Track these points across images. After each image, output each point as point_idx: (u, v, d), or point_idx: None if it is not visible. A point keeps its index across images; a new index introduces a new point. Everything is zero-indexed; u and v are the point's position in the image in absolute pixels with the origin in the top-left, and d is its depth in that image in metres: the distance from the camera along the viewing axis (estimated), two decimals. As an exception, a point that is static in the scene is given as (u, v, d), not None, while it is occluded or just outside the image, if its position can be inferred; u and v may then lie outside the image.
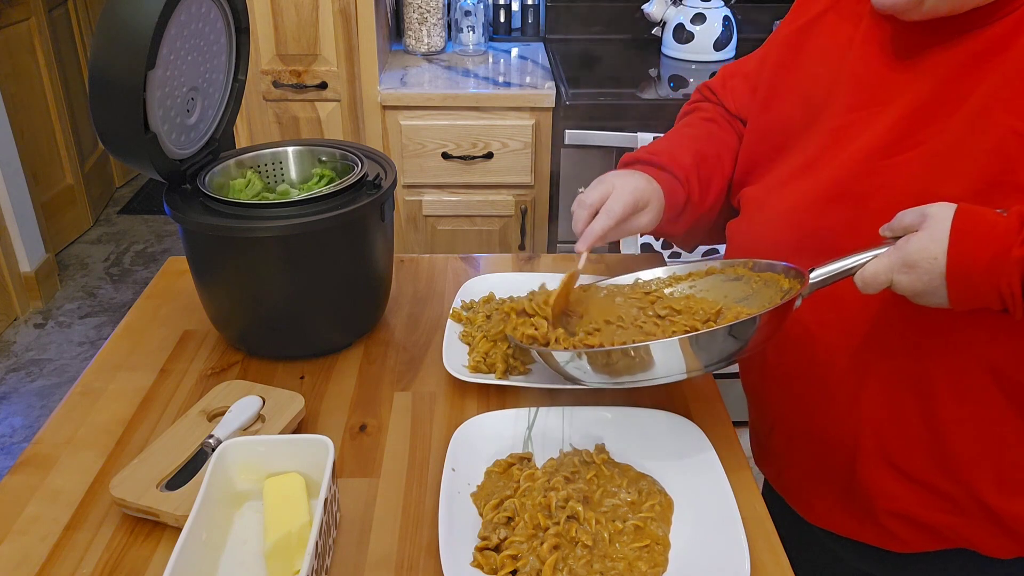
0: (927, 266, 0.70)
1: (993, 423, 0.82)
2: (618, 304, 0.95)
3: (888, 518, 0.91)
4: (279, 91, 2.09)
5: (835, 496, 0.95)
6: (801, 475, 1.00)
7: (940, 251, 0.69)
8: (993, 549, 0.88)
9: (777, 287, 0.87)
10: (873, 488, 0.90)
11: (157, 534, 0.82)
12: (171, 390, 1.03)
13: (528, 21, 2.53)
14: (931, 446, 0.85)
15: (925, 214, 0.72)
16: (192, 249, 1.04)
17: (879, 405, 0.86)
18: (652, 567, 0.76)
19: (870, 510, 0.92)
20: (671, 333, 0.86)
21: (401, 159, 2.14)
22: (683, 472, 0.87)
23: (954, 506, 0.87)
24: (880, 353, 0.84)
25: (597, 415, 0.94)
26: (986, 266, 0.68)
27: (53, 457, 0.92)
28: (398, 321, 1.17)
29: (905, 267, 0.71)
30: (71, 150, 3.42)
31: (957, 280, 0.69)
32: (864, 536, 0.95)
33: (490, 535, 0.78)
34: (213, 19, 1.04)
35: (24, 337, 2.90)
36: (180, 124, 1.03)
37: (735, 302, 0.91)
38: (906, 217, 0.73)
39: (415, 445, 0.94)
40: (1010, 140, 0.75)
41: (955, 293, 0.70)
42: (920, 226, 0.71)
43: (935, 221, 0.70)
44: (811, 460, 0.97)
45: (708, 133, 1.08)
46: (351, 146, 1.14)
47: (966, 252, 0.68)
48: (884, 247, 0.75)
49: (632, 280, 1.00)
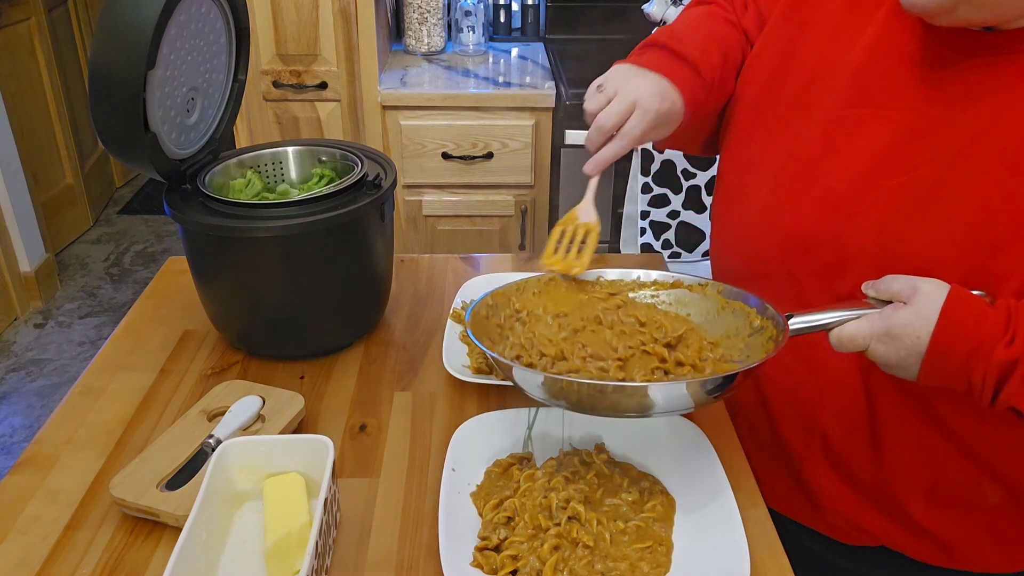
0: (908, 342, 0.70)
1: (927, 448, 0.84)
2: (582, 300, 0.89)
3: (831, 515, 0.94)
4: (279, 91, 2.09)
5: (789, 485, 0.98)
6: (761, 462, 1.02)
7: (925, 332, 0.69)
8: (925, 557, 0.91)
9: (747, 320, 0.84)
10: (817, 486, 0.93)
11: (157, 534, 0.82)
12: (171, 390, 1.03)
13: (528, 21, 2.53)
14: (871, 457, 0.87)
15: (916, 288, 0.71)
16: (192, 249, 1.04)
17: (830, 413, 0.89)
18: (655, 568, 0.76)
19: (817, 505, 0.96)
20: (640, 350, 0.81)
21: (401, 159, 2.14)
22: (683, 472, 0.87)
23: (888, 515, 0.90)
24: (834, 367, 0.86)
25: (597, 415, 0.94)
26: (965, 357, 0.68)
27: (53, 457, 0.92)
28: (398, 321, 1.17)
29: (886, 337, 0.71)
30: (71, 150, 3.42)
31: (934, 363, 0.70)
32: (815, 525, 0.98)
33: (490, 535, 0.78)
34: (213, 19, 1.04)
35: (24, 337, 2.90)
36: (180, 124, 1.03)
37: (698, 321, 0.87)
38: (895, 284, 0.73)
39: (415, 445, 0.94)
40: (993, 190, 0.74)
41: (927, 372, 0.71)
42: (909, 300, 0.71)
43: (925, 299, 0.70)
44: (768, 451, 0.99)
45: (728, 35, 0.98)
46: (351, 146, 1.14)
47: (950, 340, 0.69)
48: (863, 308, 0.74)
49: (595, 277, 0.93)
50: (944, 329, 0.69)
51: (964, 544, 0.89)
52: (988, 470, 0.83)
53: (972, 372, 0.69)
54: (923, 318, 0.69)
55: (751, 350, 0.82)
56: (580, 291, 0.91)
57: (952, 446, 0.83)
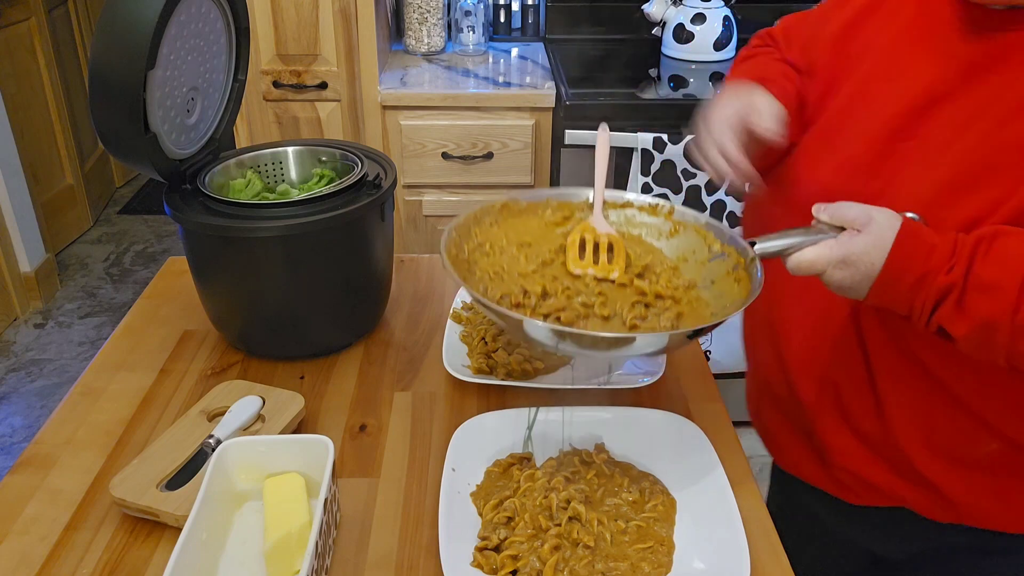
0: (863, 268, 0.74)
1: (924, 402, 0.86)
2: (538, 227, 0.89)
3: (840, 472, 0.95)
4: (279, 91, 2.09)
5: (801, 442, 0.99)
6: (776, 421, 1.03)
7: (879, 258, 0.73)
8: (931, 512, 0.92)
9: (703, 244, 0.86)
10: (828, 442, 0.95)
11: (157, 534, 0.82)
12: (171, 390, 1.03)
13: (528, 21, 2.52)
14: (875, 411, 0.89)
15: (871, 217, 0.74)
16: (192, 249, 1.04)
17: (837, 367, 0.91)
18: (656, 568, 0.76)
19: (827, 462, 0.96)
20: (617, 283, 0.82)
21: (401, 159, 2.14)
22: (683, 472, 0.87)
23: (894, 468, 0.91)
24: (837, 323, 0.89)
25: (597, 415, 0.94)
26: (912, 284, 0.73)
27: (53, 457, 0.92)
28: (398, 321, 1.17)
29: (843, 264, 0.75)
30: (71, 150, 3.42)
31: (884, 287, 0.74)
32: (823, 484, 0.99)
33: (490, 535, 0.78)
34: (213, 19, 1.04)
35: (24, 337, 2.90)
36: (180, 124, 1.03)
37: (650, 243, 0.88)
38: (850, 212, 0.75)
39: (415, 445, 0.94)
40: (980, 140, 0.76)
41: (875, 295, 0.75)
42: (863, 228, 0.74)
43: (879, 229, 0.74)
44: (782, 407, 1.00)
45: (784, 72, 0.99)
46: (351, 146, 1.14)
47: (902, 268, 0.73)
48: (817, 234, 0.76)
49: (544, 199, 0.92)
50: (896, 258, 0.73)
51: (970, 499, 0.89)
52: (981, 421, 0.85)
53: (915, 297, 0.74)
54: (878, 247, 0.73)
55: (714, 276, 0.83)
56: (533, 215, 0.92)
57: (944, 396, 0.85)
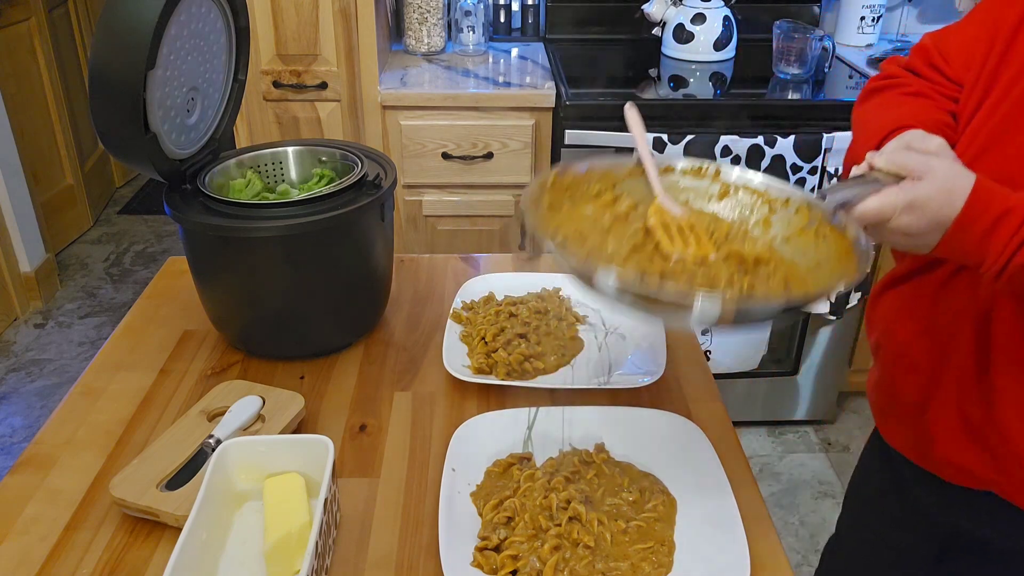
0: (929, 213, 0.72)
1: None
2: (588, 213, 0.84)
3: (942, 463, 0.94)
4: (279, 91, 2.09)
5: (907, 425, 0.98)
6: (889, 398, 1.02)
7: (948, 204, 0.72)
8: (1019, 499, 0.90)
9: (760, 200, 0.85)
10: (935, 419, 0.93)
11: (157, 534, 0.82)
12: (171, 390, 1.03)
13: (528, 21, 2.52)
14: (985, 404, 0.87)
15: (930, 165, 0.73)
16: (192, 249, 1.04)
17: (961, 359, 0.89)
18: (656, 568, 0.76)
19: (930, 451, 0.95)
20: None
21: (401, 159, 2.14)
22: (683, 472, 0.87)
23: (999, 464, 0.89)
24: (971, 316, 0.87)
25: (597, 415, 0.94)
26: (992, 222, 0.71)
27: (53, 457, 0.92)
28: (398, 321, 1.17)
29: (909, 208, 0.73)
30: (71, 150, 3.42)
31: (958, 232, 0.72)
32: (924, 462, 0.97)
33: (490, 535, 0.78)
34: (213, 19, 1.04)
35: (24, 337, 2.90)
36: (180, 124, 1.03)
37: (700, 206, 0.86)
38: (910, 160, 0.74)
39: (415, 445, 0.94)
40: None
41: (946, 243, 0.74)
42: (924, 175, 0.73)
43: (944, 174, 0.72)
44: (899, 386, 0.98)
45: (924, 107, 0.95)
46: (351, 146, 1.14)
47: (982, 207, 0.71)
48: (875, 184, 0.74)
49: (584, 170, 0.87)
50: (978, 196, 0.71)
51: None
52: None
53: (995, 236, 0.71)
54: (945, 191, 0.72)
55: (786, 233, 0.81)
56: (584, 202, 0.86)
57: None
